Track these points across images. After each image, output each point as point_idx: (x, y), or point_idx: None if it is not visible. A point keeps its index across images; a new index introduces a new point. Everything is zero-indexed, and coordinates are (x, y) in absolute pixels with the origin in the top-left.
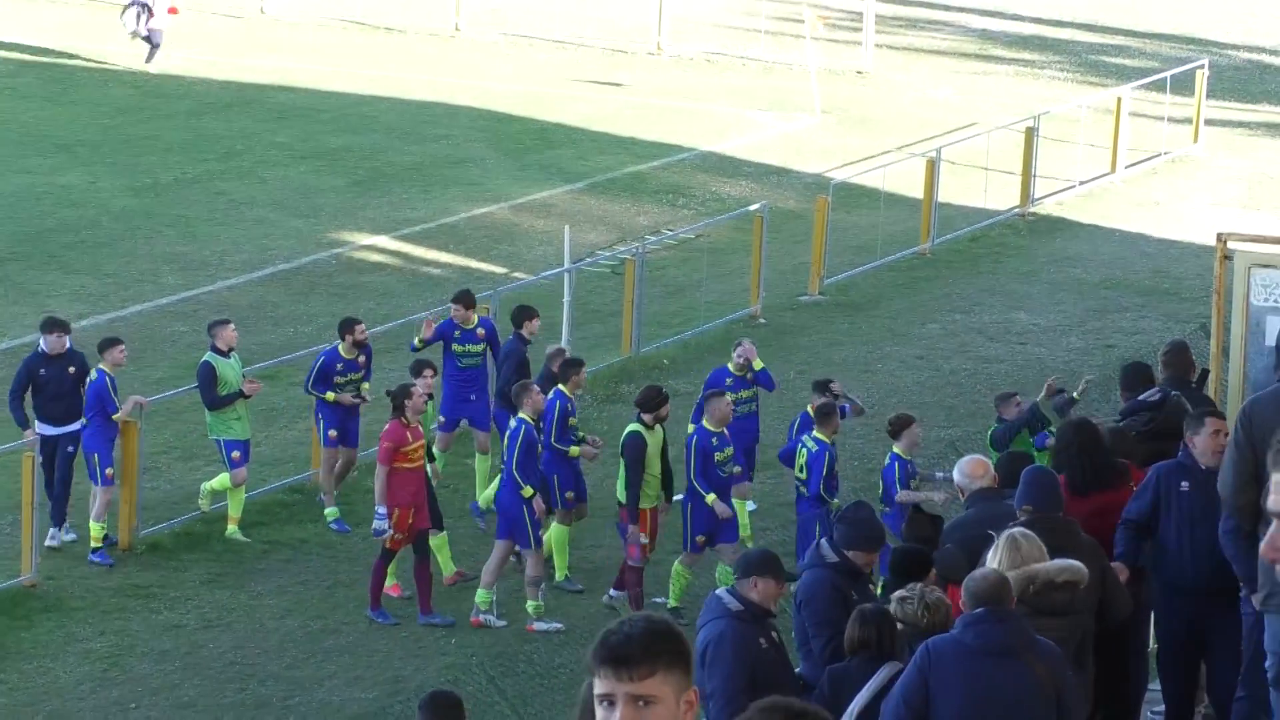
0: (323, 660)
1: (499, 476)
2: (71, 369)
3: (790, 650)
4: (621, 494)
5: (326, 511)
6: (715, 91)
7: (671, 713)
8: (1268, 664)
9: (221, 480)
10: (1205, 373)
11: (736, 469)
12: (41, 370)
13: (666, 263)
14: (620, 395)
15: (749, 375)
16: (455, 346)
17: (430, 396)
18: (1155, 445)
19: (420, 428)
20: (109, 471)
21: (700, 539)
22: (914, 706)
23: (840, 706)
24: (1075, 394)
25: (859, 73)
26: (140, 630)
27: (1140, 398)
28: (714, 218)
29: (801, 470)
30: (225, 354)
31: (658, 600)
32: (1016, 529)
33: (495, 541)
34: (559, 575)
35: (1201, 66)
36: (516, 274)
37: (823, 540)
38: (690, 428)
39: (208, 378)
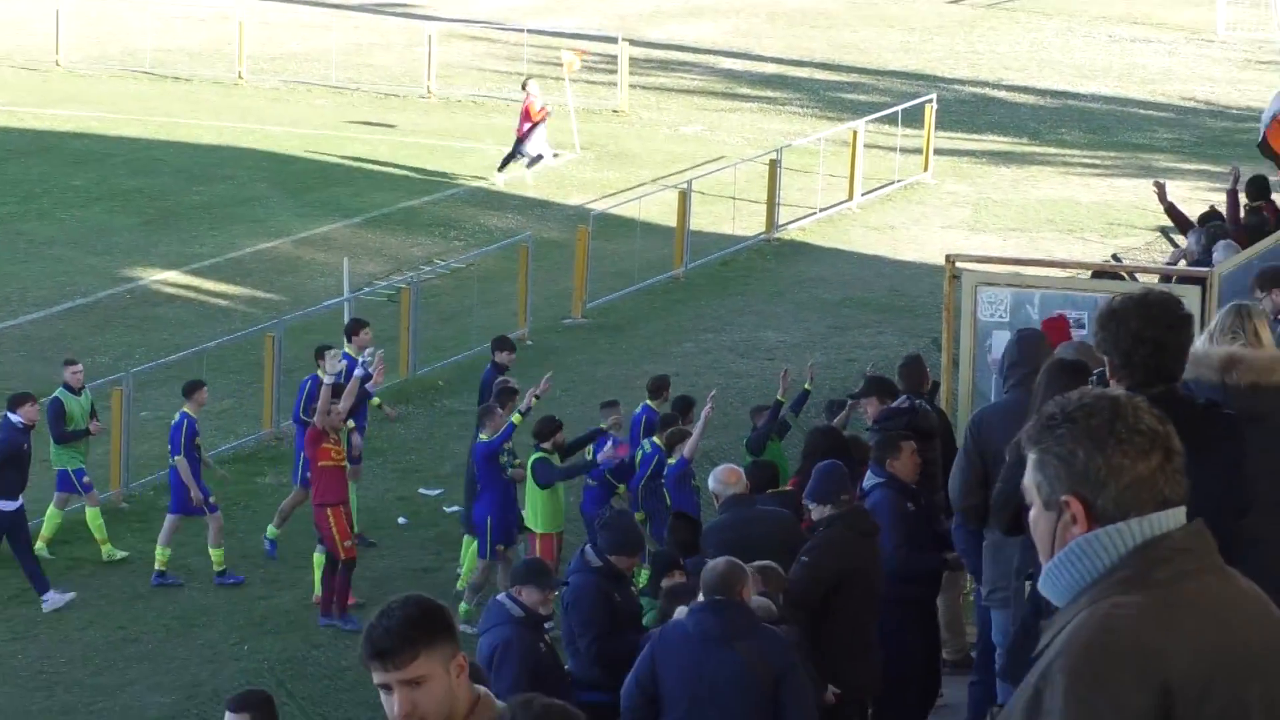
0: (124, 668)
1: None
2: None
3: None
4: (533, 521)
5: (268, 530)
6: (482, 131)
7: (443, 683)
8: (997, 655)
9: (93, 514)
10: (936, 384)
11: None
12: (25, 445)
13: (439, 290)
14: (399, 416)
15: None
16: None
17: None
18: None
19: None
20: (212, 499)
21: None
22: (644, 686)
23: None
24: (806, 385)
25: (615, 111)
26: None
27: (892, 405)
28: (483, 248)
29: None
30: (76, 392)
31: None
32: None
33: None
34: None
35: (930, 101)
36: (299, 304)
37: (587, 546)
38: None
39: (56, 413)
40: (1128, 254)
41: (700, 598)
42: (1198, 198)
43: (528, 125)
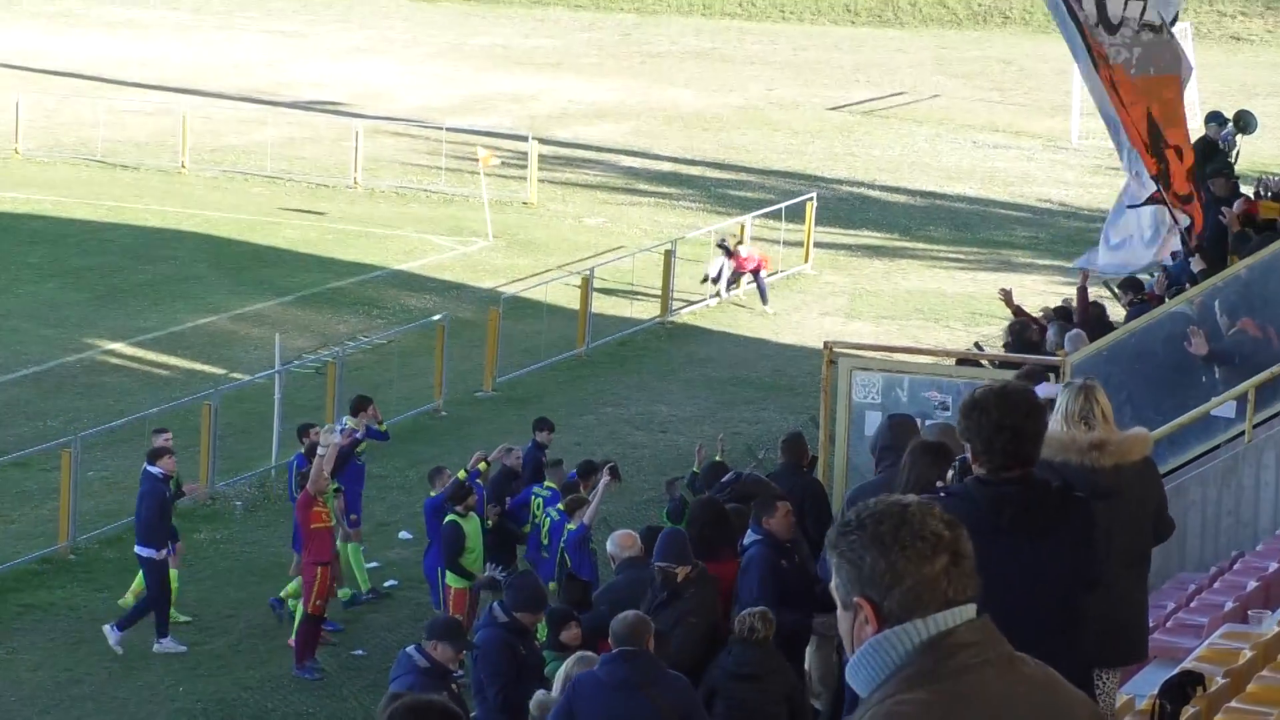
0: (69, 706)
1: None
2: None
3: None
4: (451, 577)
5: (341, 592)
6: (403, 219)
7: None
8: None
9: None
10: (814, 458)
11: None
12: (167, 494)
13: (363, 364)
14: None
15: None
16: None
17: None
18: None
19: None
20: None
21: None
22: None
23: None
24: (717, 457)
25: (525, 203)
26: None
27: (722, 480)
28: (402, 326)
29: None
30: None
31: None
32: None
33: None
34: None
35: (811, 199)
36: (234, 374)
37: (495, 604)
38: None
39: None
40: (989, 342)
41: (613, 648)
42: (1052, 290)
43: (750, 266)
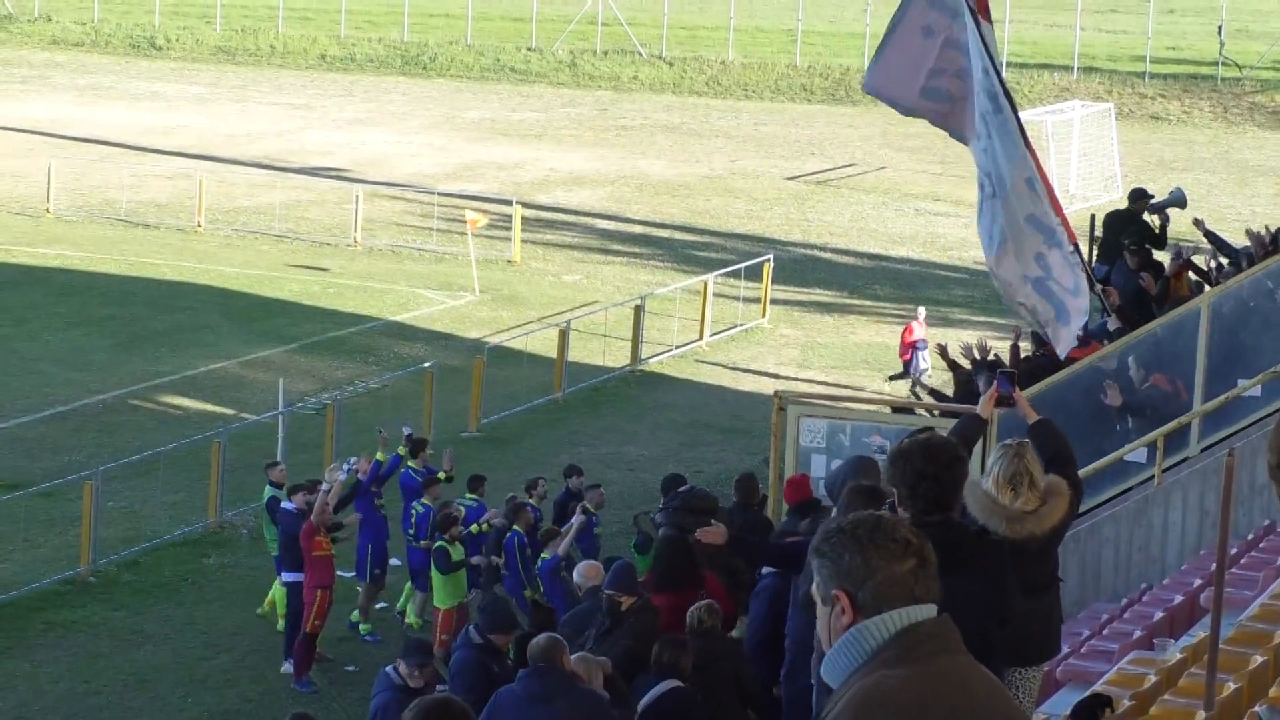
0: (87, 715)
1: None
2: None
3: None
4: (439, 599)
5: (363, 627)
6: (398, 275)
7: None
8: None
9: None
10: (764, 497)
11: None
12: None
13: (359, 407)
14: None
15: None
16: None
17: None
18: (683, 518)
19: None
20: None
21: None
22: None
23: None
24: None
25: (509, 261)
26: None
27: (678, 490)
28: (396, 372)
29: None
30: (279, 487)
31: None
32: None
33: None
34: None
35: (768, 259)
36: (243, 415)
37: (470, 626)
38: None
39: (273, 507)
40: (925, 391)
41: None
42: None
43: (911, 347)
